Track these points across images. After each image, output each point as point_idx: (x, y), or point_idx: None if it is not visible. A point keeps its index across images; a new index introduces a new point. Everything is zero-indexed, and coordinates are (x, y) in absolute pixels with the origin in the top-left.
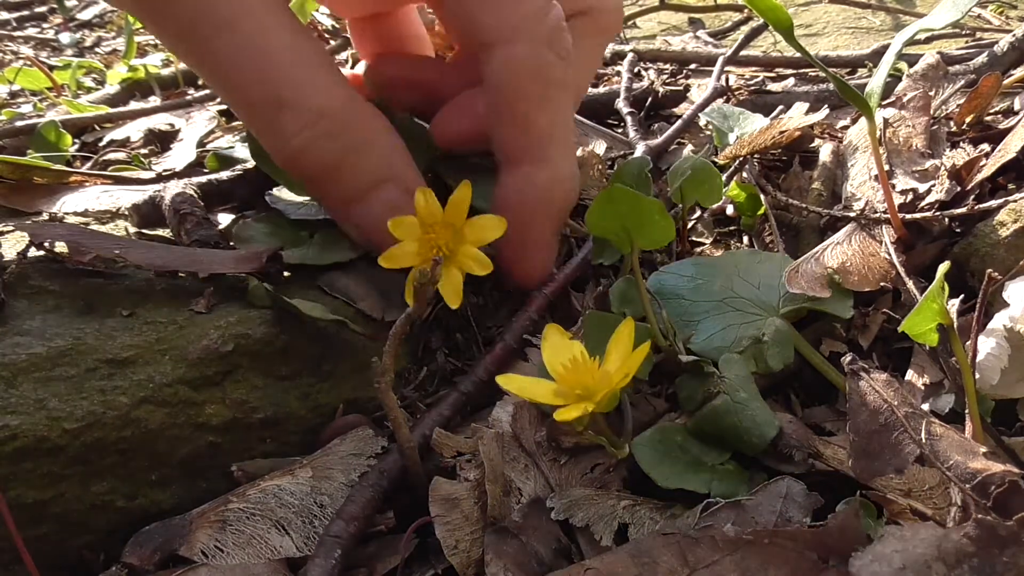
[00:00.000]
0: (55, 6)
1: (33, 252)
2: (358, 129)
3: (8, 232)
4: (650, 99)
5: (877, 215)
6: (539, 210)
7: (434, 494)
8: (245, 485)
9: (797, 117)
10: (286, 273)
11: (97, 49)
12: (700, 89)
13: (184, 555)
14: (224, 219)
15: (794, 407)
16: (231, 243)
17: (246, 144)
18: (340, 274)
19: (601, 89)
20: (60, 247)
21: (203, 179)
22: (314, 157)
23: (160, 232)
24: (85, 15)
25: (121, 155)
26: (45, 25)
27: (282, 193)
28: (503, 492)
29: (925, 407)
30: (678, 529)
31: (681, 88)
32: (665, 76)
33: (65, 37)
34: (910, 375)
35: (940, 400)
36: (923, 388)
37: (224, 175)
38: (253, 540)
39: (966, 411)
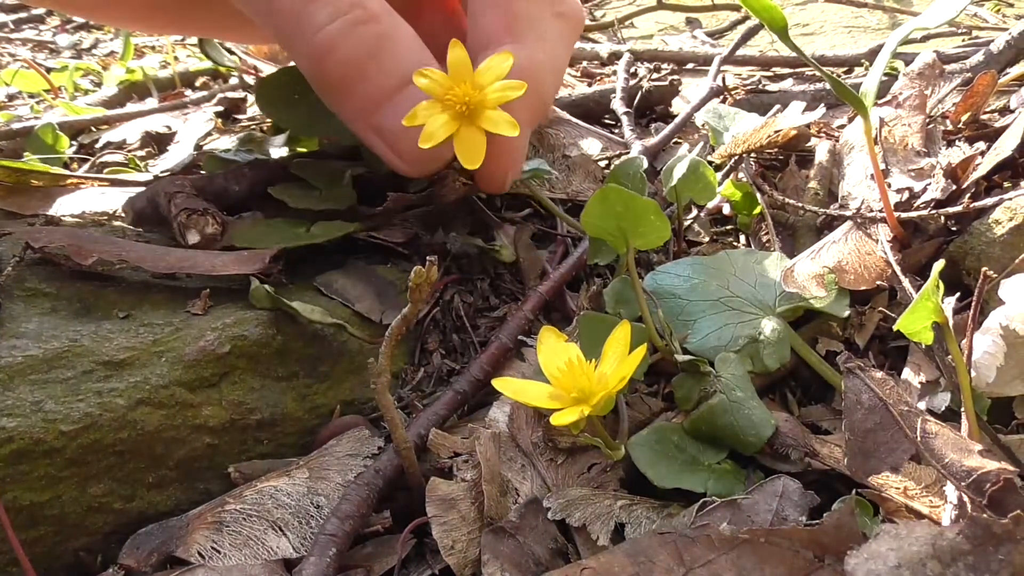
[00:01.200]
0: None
1: (30, 256)
2: (390, 23)
3: (5, 235)
4: (639, 95)
5: (873, 214)
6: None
7: (431, 494)
8: (242, 486)
9: (792, 116)
10: (285, 280)
11: (94, 51)
12: (695, 87)
13: (181, 556)
14: None
15: (791, 406)
16: (228, 242)
17: (243, 147)
18: (337, 274)
19: (595, 88)
20: (57, 250)
21: (198, 176)
22: (345, 50)
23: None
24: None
25: (118, 157)
26: (43, 27)
27: (285, 187)
28: (500, 492)
29: (921, 405)
30: (674, 528)
31: (667, 84)
32: (653, 73)
33: (63, 39)
34: (906, 373)
35: (936, 398)
36: (919, 386)
37: (219, 173)
38: (250, 541)
39: (962, 409)
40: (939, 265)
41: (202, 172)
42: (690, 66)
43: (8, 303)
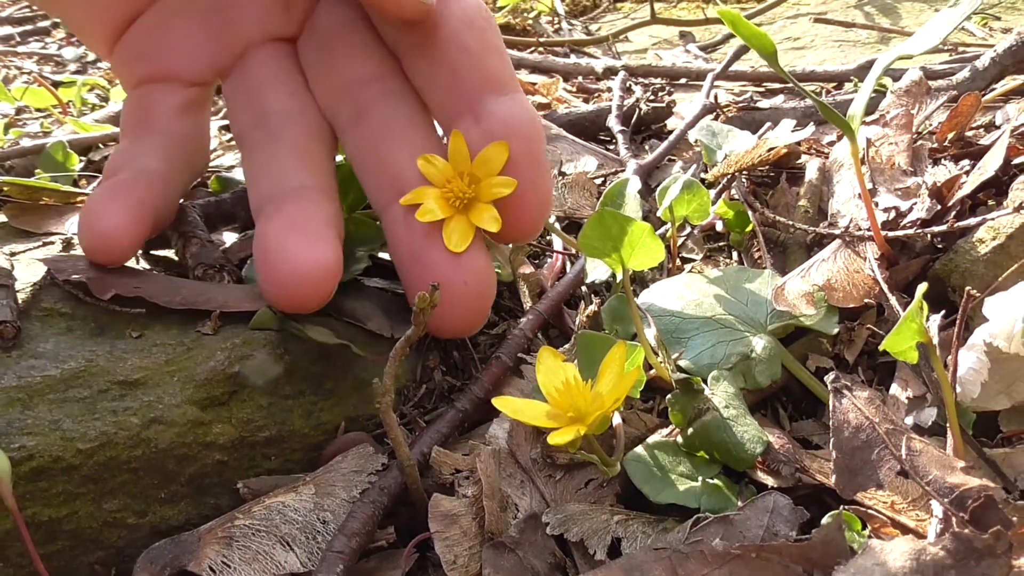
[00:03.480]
0: (58, 21)
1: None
2: None
3: (20, 253)
4: (635, 115)
5: (861, 232)
6: (534, 134)
7: (433, 510)
8: (250, 502)
9: (782, 134)
10: None
11: (100, 64)
12: (689, 103)
13: (193, 570)
14: (228, 238)
15: (782, 421)
16: (235, 263)
17: None
18: (343, 297)
19: (591, 106)
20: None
21: (205, 200)
22: None
23: (164, 253)
24: None
25: None
26: (48, 40)
27: None
28: (500, 508)
29: (909, 420)
30: (669, 544)
31: (664, 105)
32: (648, 94)
33: (68, 52)
34: (894, 388)
35: (923, 413)
36: (907, 401)
37: (226, 196)
38: (259, 556)
39: (948, 424)
40: (922, 287)
41: (209, 192)
42: (683, 81)
43: (25, 323)
